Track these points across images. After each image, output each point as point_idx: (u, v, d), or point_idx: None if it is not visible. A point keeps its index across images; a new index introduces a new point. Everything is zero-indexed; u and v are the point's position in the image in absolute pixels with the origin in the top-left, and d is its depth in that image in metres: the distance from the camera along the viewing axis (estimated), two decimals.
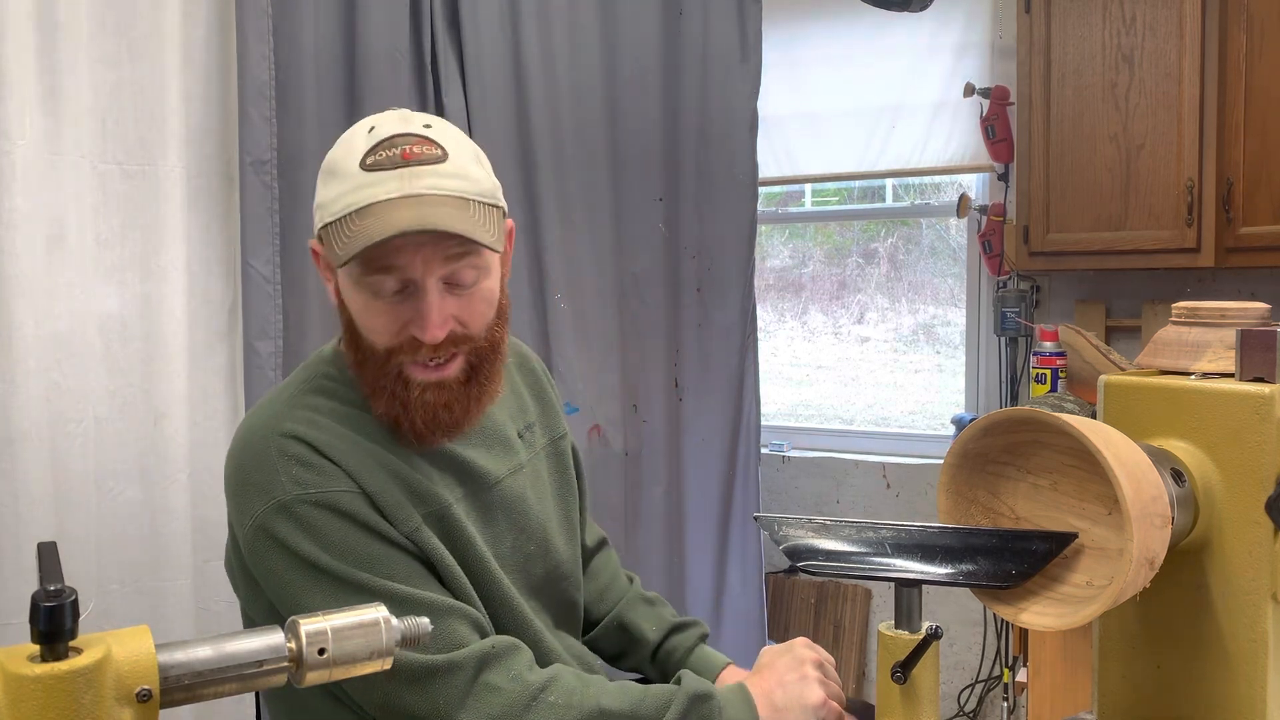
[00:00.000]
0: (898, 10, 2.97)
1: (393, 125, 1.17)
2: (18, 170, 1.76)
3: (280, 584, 1.15)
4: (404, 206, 1.10)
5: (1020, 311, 3.38)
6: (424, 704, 1.11)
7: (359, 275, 1.14)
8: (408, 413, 1.17)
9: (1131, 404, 1.12)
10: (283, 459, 1.14)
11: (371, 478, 1.16)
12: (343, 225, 1.12)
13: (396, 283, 1.14)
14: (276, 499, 1.13)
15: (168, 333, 1.98)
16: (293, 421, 1.17)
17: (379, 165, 1.13)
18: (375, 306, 1.15)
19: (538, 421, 1.39)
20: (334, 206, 1.13)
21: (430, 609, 1.13)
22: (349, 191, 1.13)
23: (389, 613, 0.77)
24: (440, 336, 1.14)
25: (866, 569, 1.08)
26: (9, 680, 0.63)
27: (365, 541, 1.14)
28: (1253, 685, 1.04)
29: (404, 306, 1.15)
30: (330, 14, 2.23)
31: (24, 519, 1.77)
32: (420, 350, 1.15)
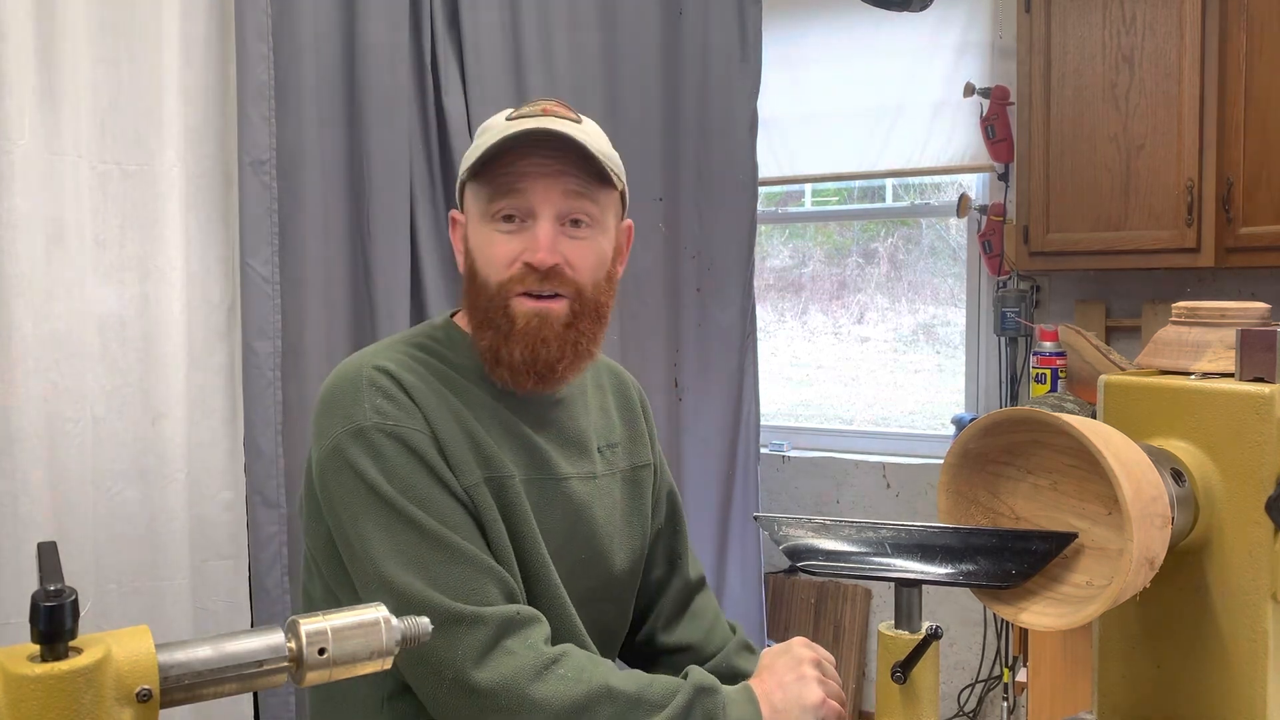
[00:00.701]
0: (898, 10, 2.97)
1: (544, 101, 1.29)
2: (16, 170, 1.76)
3: (341, 506, 1.20)
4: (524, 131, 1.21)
5: (1020, 311, 3.38)
6: (444, 651, 1.14)
7: (486, 206, 1.24)
8: (509, 343, 1.23)
9: (1131, 404, 1.12)
10: (370, 389, 1.21)
11: (445, 426, 1.21)
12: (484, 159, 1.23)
13: (516, 211, 1.23)
14: (356, 423, 1.19)
15: (166, 333, 1.98)
16: (388, 360, 1.24)
17: (524, 115, 1.25)
18: (496, 237, 1.23)
19: (622, 445, 1.41)
20: (480, 150, 1.23)
21: (471, 561, 1.17)
22: (495, 135, 1.22)
23: (388, 612, 0.77)
24: (549, 261, 1.22)
25: (866, 569, 1.08)
26: (9, 680, 0.63)
27: (426, 482, 1.18)
28: (1253, 685, 1.04)
29: (521, 237, 1.23)
30: (330, 13, 2.23)
31: (22, 518, 1.77)
32: (528, 278, 1.22)
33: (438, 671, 1.14)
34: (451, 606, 1.14)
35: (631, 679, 1.19)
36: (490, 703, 1.13)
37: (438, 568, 1.15)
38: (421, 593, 1.14)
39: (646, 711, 1.15)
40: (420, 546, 1.16)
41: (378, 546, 1.16)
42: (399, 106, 2.33)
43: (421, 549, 1.16)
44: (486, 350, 1.25)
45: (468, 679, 1.13)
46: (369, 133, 2.28)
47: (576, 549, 1.31)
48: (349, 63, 2.27)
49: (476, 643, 1.14)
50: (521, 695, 1.13)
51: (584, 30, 2.80)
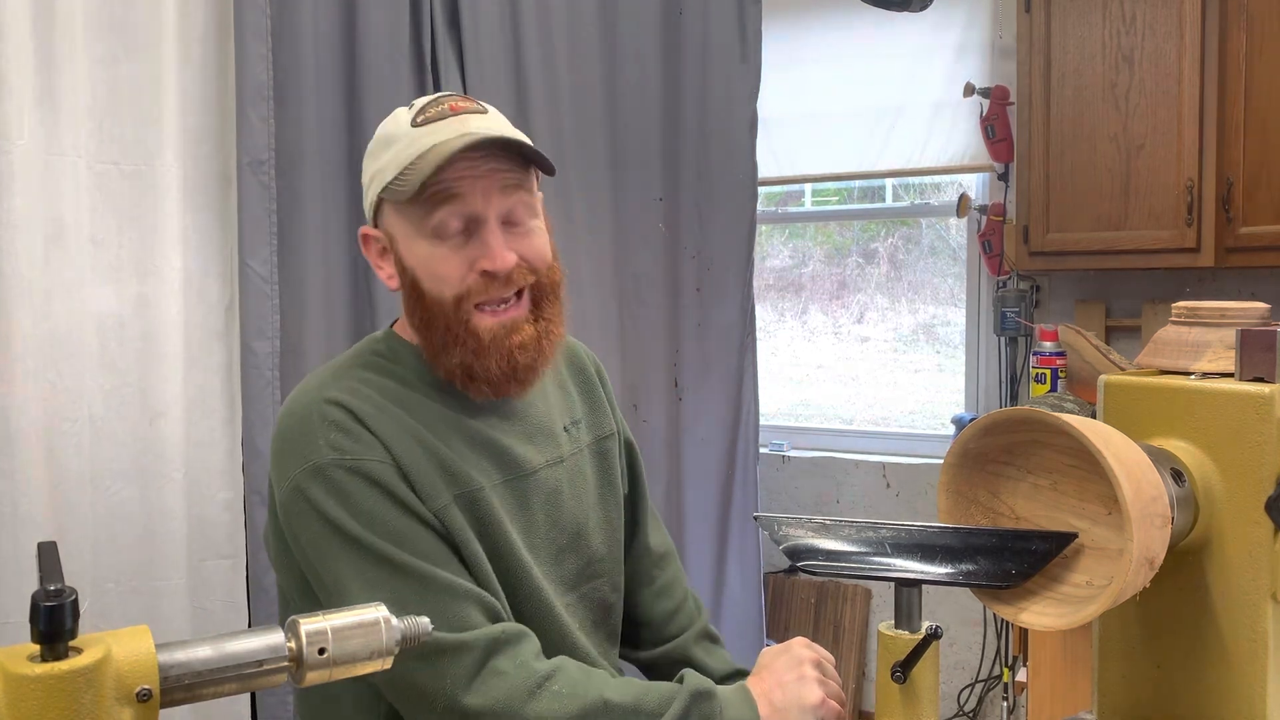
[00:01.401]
0: (898, 10, 2.97)
1: (429, 97, 1.25)
2: (15, 170, 1.76)
3: (310, 548, 1.17)
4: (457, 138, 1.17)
5: (1020, 311, 3.38)
6: (432, 681, 1.12)
7: (421, 221, 1.18)
8: (481, 360, 1.21)
9: (1131, 404, 1.12)
10: (323, 424, 1.17)
11: (407, 452, 1.18)
12: (404, 172, 1.18)
13: (460, 220, 1.18)
14: (313, 462, 1.16)
15: (164, 332, 1.98)
16: (338, 390, 1.20)
17: (429, 119, 1.20)
18: (439, 252, 1.19)
19: (584, 419, 1.40)
20: (391, 166, 1.19)
21: (447, 590, 1.14)
22: (405, 147, 1.19)
23: (388, 612, 0.77)
24: (510, 263, 1.19)
25: (866, 569, 1.08)
26: (9, 680, 0.63)
27: (393, 514, 1.15)
28: (1253, 685, 1.04)
29: (469, 247, 1.19)
30: (329, 13, 2.23)
31: (21, 518, 1.77)
32: (490, 287, 1.19)
33: (429, 702, 1.12)
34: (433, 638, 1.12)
35: (627, 689, 1.18)
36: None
37: (413, 601, 1.12)
38: None
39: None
40: (393, 581, 1.13)
41: (350, 586, 1.13)
42: (399, 106, 2.33)
43: (395, 583, 1.13)
44: (458, 368, 1.21)
45: (459, 705, 1.11)
46: (369, 133, 2.26)
47: (556, 537, 1.29)
48: (349, 63, 2.27)
49: (464, 668, 1.12)
50: (516, 717, 1.11)
51: (584, 30, 2.80)
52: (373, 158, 1.24)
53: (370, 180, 1.24)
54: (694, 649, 1.44)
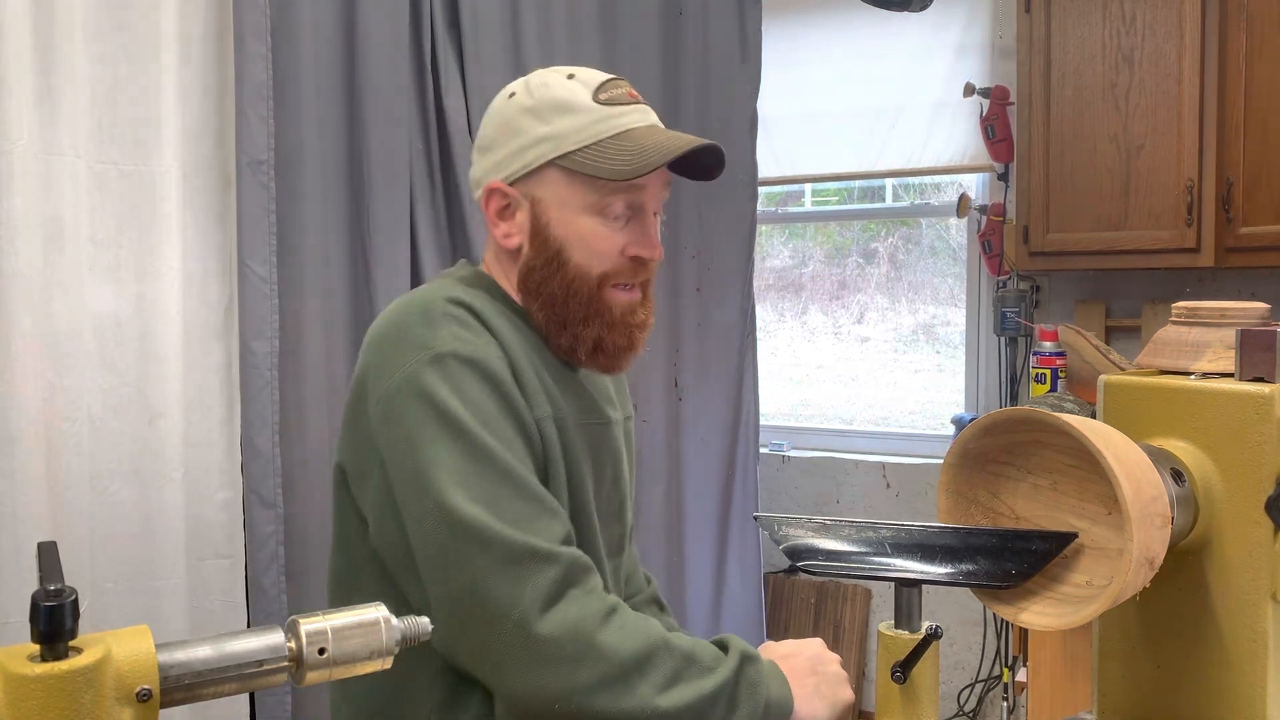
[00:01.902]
0: (898, 10, 2.97)
1: (590, 73, 1.28)
2: (15, 170, 1.76)
3: (407, 436, 1.14)
4: (662, 133, 1.24)
5: (1020, 311, 3.38)
6: (509, 589, 1.08)
7: (596, 198, 1.22)
8: (613, 333, 1.25)
9: (1131, 404, 1.12)
10: (446, 318, 1.19)
11: (521, 357, 1.21)
12: (602, 149, 1.21)
13: (625, 206, 1.23)
14: (434, 350, 1.16)
15: (164, 333, 1.98)
16: (458, 293, 1.23)
17: (614, 100, 1.25)
18: (602, 231, 1.23)
19: (616, 399, 1.43)
20: (577, 135, 1.22)
21: (539, 499, 1.14)
22: (594, 121, 1.22)
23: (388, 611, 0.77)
24: (661, 254, 1.27)
25: (866, 569, 1.08)
26: (9, 680, 0.63)
27: (501, 412, 1.16)
28: (1253, 685, 1.04)
29: (626, 230, 1.24)
30: (329, 13, 2.23)
31: (20, 518, 1.77)
32: (637, 272, 1.25)
33: (500, 616, 1.07)
34: (521, 540, 1.09)
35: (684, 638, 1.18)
36: (554, 651, 1.07)
37: (507, 501, 1.10)
38: (489, 525, 1.08)
39: (700, 672, 1.14)
40: (490, 478, 1.11)
41: (444, 474, 1.10)
42: (399, 106, 2.33)
43: (491, 481, 1.11)
44: (591, 340, 1.25)
45: (531, 625, 1.07)
46: (369, 133, 2.28)
47: (613, 497, 1.32)
48: (348, 63, 2.27)
49: (546, 583, 1.09)
50: (588, 642, 1.08)
51: (584, 30, 2.80)
52: (538, 118, 1.23)
53: (536, 142, 1.23)
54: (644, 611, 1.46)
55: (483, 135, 1.30)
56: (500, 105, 1.28)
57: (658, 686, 1.11)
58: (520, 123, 1.24)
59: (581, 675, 1.08)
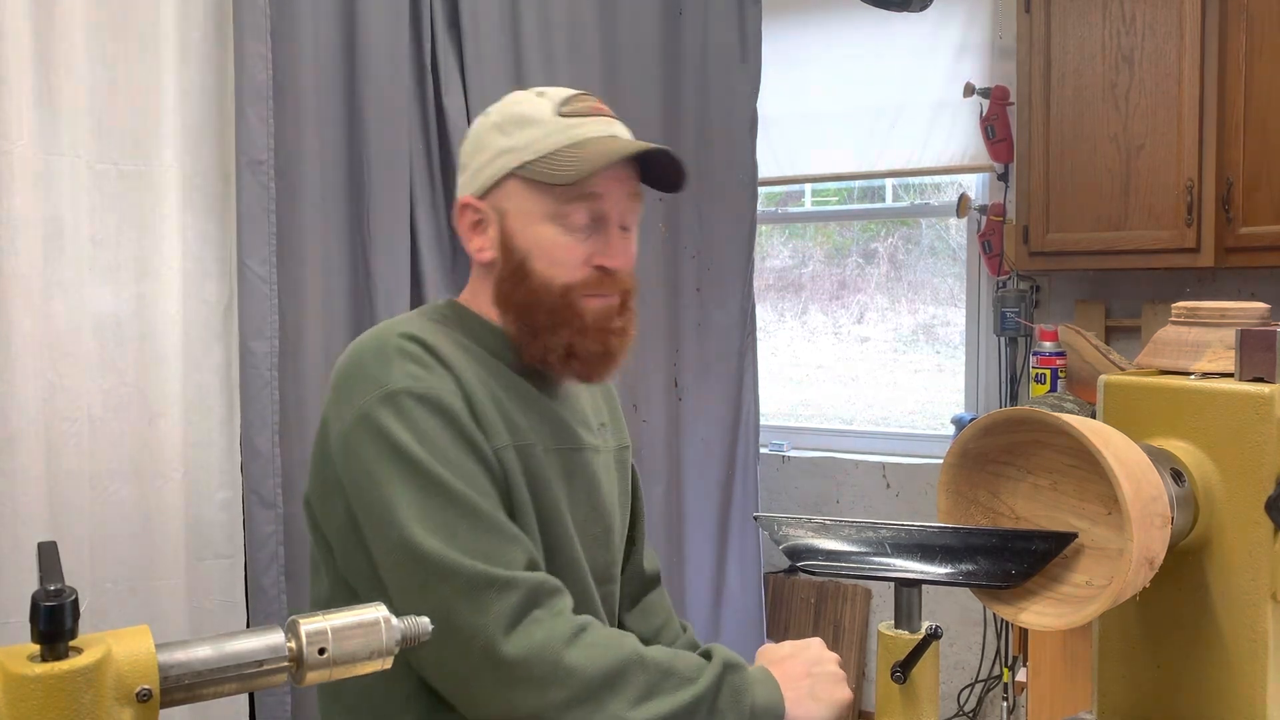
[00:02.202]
0: (897, 10, 2.97)
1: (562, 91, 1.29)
2: (14, 170, 1.76)
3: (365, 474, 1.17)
4: (615, 140, 1.24)
5: (1020, 311, 3.38)
6: (473, 617, 1.11)
7: (556, 207, 1.23)
8: (584, 339, 1.26)
9: (1131, 404, 1.12)
10: (399, 355, 1.20)
11: (477, 388, 1.21)
12: (556, 156, 1.22)
13: (588, 216, 1.24)
14: (386, 388, 1.17)
15: (163, 333, 1.98)
16: (413, 329, 1.24)
17: (575, 113, 1.26)
18: (564, 241, 1.24)
19: (610, 425, 1.43)
20: (536, 146, 1.23)
21: (498, 528, 1.15)
22: (553, 132, 1.24)
23: (388, 611, 0.77)
24: (626, 267, 1.28)
25: (866, 569, 1.08)
26: (9, 680, 0.63)
27: (457, 445, 1.17)
28: (1253, 685, 1.04)
29: (591, 240, 1.25)
30: (329, 13, 2.23)
31: (20, 517, 1.77)
32: (602, 283, 1.26)
33: (466, 642, 1.10)
34: (481, 569, 1.11)
35: (660, 651, 1.18)
36: (521, 672, 1.10)
37: (465, 533, 1.12)
38: (447, 557, 1.11)
39: (678, 684, 1.14)
40: (448, 511, 1.13)
41: (404, 510, 1.13)
42: (399, 106, 2.33)
43: (449, 514, 1.13)
44: (562, 347, 1.25)
45: (497, 648, 1.10)
46: (369, 133, 2.28)
47: (594, 523, 1.31)
48: (348, 63, 2.27)
49: (507, 608, 1.11)
50: (555, 662, 1.10)
51: (584, 30, 2.80)
52: (501, 133, 1.26)
53: (497, 155, 1.26)
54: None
55: (461, 155, 1.33)
56: (475, 125, 1.32)
57: (630, 702, 1.11)
58: (486, 138, 1.28)
59: (551, 695, 1.10)
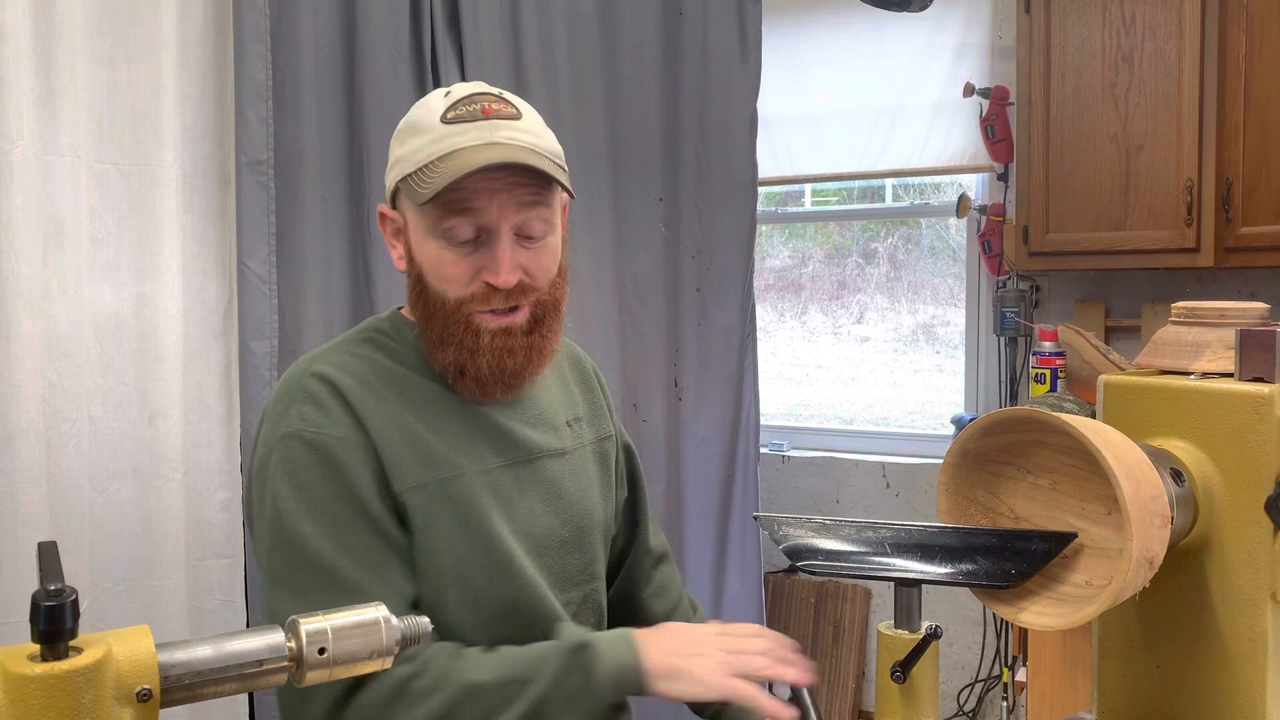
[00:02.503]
0: (897, 10, 2.97)
1: (469, 88, 1.24)
2: (15, 171, 1.76)
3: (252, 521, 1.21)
4: (486, 150, 1.16)
5: (1020, 311, 3.38)
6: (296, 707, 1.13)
7: (434, 222, 1.18)
8: (475, 359, 1.21)
9: (1131, 404, 1.12)
10: (302, 395, 1.18)
11: (383, 429, 1.18)
12: (425, 171, 1.17)
13: (471, 230, 1.18)
14: (280, 431, 1.17)
15: (163, 333, 1.98)
16: (326, 365, 1.21)
17: (460, 119, 1.19)
18: (448, 256, 1.19)
19: (585, 417, 1.40)
20: (415, 157, 1.19)
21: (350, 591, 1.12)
22: (431, 142, 1.18)
23: (388, 611, 0.77)
24: (512, 281, 1.19)
25: (866, 569, 1.08)
26: (9, 679, 0.63)
27: (335, 495, 1.15)
28: (1253, 685, 1.04)
29: (477, 255, 1.19)
30: (329, 13, 2.23)
31: (20, 518, 1.77)
32: (492, 298, 1.19)
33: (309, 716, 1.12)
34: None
35: (497, 663, 1.14)
36: None
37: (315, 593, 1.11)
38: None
39: (517, 690, 1.10)
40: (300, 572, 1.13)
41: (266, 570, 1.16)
42: (399, 106, 2.32)
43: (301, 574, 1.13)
44: (450, 365, 1.22)
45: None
46: (368, 133, 2.28)
47: (558, 529, 1.28)
48: (348, 63, 2.27)
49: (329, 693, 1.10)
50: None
51: (584, 30, 2.80)
52: (399, 141, 1.23)
53: (392, 164, 1.24)
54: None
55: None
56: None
57: None
58: (392, 145, 1.25)
59: None
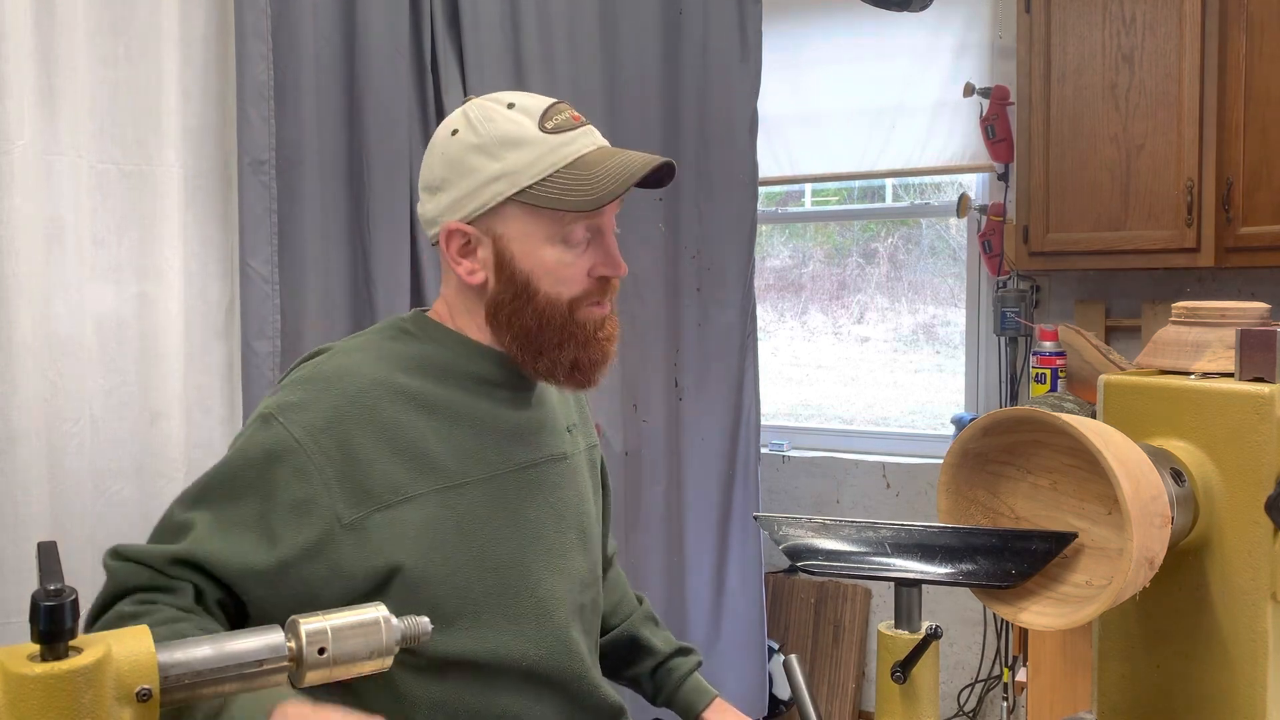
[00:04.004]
0: (898, 10, 2.97)
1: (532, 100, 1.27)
2: (15, 170, 1.76)
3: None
4: (615, 155, 1.24)
5: (1020, 311, 3.38)
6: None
7: (556, 228, 1.22)
8: (589, 350, 1.26)
9: (1131, 404, 1.12)
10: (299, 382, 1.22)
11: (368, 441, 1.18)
12: (558, 180, 1.21)
13: (586, 230, 1.24)
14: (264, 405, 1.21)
15: (165, 332, 1.98)
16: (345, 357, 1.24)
17: (560, 128, 1.23)
18: (567, 259, 1.24)
19: (579, 425, 1.43)
20: (535, 168, 1.21)
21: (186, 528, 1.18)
22: (546, 152, 1.21)
23: (388, 612, 0.77)
24: (626, 270, 1.28)
25: (866, 569, 1.08)
26: (9, 679, 0.63)
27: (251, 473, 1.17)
28: (1253, 685, 1.04)
29: (589, 253, 1.25)
30: (329, 13, 2.23)
31: (21, 518, 1.77)
32: (604, 290, 1.26)
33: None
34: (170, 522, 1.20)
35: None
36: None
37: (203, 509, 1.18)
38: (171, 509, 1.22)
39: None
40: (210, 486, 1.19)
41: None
42: (399, 106, 2.33)
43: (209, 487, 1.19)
44: (568, 362, 1.25)
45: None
46: (369, 133, 2.28)
47: (566, 530, 1.30)
48: (349, 63, 2.27)
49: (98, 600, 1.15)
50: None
51: (584, 30, 2.80)
52: (488, 155, 1.22)
53: (490, 180, 1.22)
54: (641, 629, 1.50)
55: (430, 174, 1.27)
56: (445, 143, 1.26)
57: None
58: (471, 161, 1.23)
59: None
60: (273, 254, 2.08)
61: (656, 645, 1.49)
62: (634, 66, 2.93)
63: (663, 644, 1.50)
